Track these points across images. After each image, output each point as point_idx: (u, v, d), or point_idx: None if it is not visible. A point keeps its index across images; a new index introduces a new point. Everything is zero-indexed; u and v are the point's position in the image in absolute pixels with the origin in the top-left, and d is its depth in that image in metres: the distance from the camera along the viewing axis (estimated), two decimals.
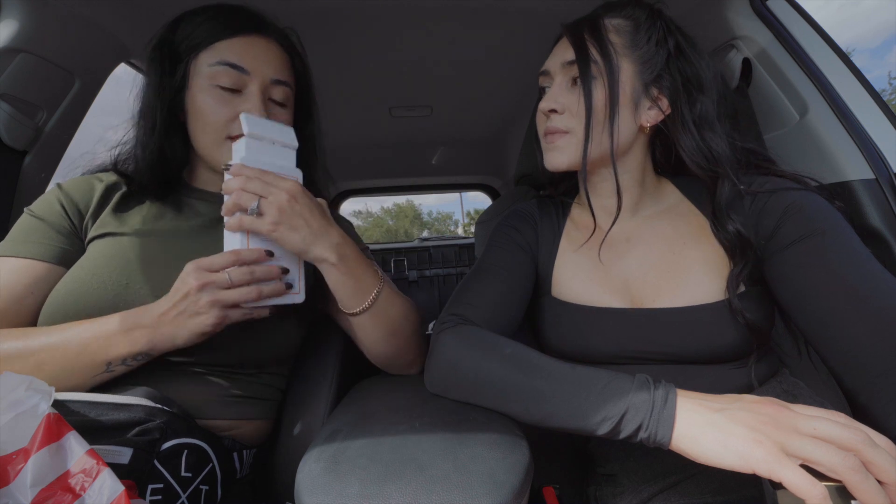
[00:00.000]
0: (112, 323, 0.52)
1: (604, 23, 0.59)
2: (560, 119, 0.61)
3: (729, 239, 0.56)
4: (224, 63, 0.62)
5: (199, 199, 0.70)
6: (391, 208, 32.53)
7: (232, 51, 0.62)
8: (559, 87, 0.61)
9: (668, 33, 0.60)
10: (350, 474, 0.37)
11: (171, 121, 0.66)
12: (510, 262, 0.66)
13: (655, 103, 0.60)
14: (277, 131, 0.57)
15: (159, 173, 0.66)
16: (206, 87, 0.62)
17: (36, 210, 0.63)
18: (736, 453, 0.35)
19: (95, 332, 0.52)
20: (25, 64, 0.75)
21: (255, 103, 0.62)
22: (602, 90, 0.57)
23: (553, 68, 0.63)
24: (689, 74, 0.59)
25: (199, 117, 0.63)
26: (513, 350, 0.50)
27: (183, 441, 0.53)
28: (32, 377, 0.40)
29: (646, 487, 0.56)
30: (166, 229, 0.65)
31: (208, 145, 0.64)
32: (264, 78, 0.64)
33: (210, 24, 0.63)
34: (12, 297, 0.56)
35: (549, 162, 0.63)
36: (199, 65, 0.63)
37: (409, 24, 1.04)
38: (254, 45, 0.64)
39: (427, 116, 1.61)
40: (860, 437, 0.33)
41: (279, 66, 0.66)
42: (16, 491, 0.35)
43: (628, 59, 0.58)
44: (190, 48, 0.63)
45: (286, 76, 0.67)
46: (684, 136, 0.59)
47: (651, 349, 0.58)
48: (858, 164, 0.68)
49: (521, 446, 0.42)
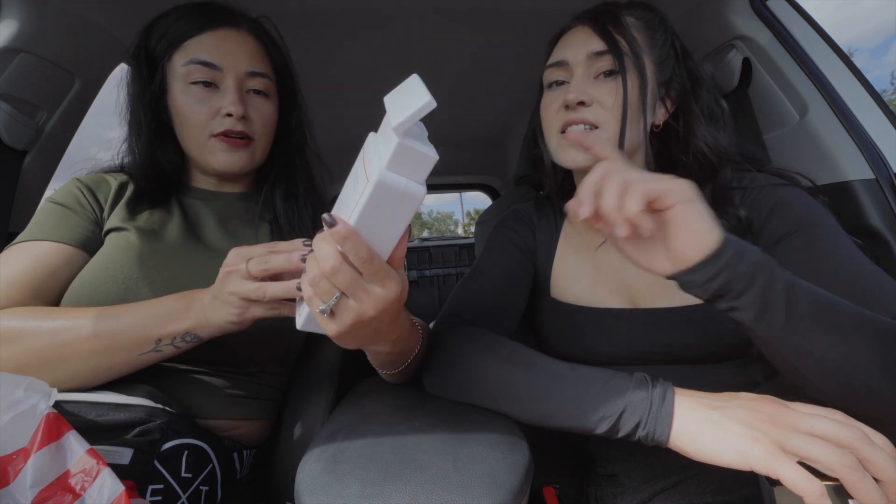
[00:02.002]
0: (170, 300, 0.52)
1: (624, 17, 0.59)
2: (589, 111, 0.57)
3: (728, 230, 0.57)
4: (196, 61, 0.61)
5: (197, 198, 0.70)
6: None
7: (202, 48, 0.62)
8: (583, 79, 0.59)
9: (675, 36, 0.61)
10: (350, 474, 0.37)
11: (160, 127, 0.66)
12: (508, 263, 0.66)
13: (662, 103, 0.60)
14: (425, 165, 0.34)
15: (155, 178, 0.66)
16: (182, 87, 0.62)
17: (58, 198, 0.63)
18: (734, 451, 0.35)
19: (154, 306, 0.52)
20: (25, 64, 0.75)
21: (232, 98, 0.62)
22: (636, 84, 0.57)
23: (574, 59, 0.59)
24: (694, 75, 0.61)
25: (181, 119, 0.63)
26: (511, 350, 0.50)
27: (183, 441, 0.53)
28: (32, 378, 0.40)
29: (646, 487, 0.56)
30: (171, 227, 0.65)
31: (195, 147, 0.65)
32: (238, 71, 0.63)
33: (180, 24, 0.63)
34: (36, 280, 0.56)
35: (571, 159, 0.60)
36: (174, 66, 0.63)
37: (409, 24, 1.04)
38: (224, 39, 0.63)
39: (427, 116, 1.61)
40: (857, 435, 0.33)
41: (253, 57, 0.65)
42: (16, 491, 0.35)
43: (649, 58, 0.58)
44: (163, 51, 0.63)
45: (262, 67, 0.66)
46: (700, 128, 0.59)
47: (650, 349, 0.58)
48: (858, 164, 0.68)
49: (521, 446, 0.42)
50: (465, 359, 0.51)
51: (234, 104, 0.62)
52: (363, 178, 0.34)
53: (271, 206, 0.73)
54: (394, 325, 0.43)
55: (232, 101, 0.62)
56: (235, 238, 0.68)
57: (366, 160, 0.36)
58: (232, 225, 0.70)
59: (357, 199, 0.34)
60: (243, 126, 0.64)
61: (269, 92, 0.68)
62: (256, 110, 0.66)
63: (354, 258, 0.34)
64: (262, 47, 0.68)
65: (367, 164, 0.35)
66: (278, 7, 0.86)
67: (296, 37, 1.05)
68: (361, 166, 0.36)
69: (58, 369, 0.50)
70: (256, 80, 0.65)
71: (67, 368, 0.50)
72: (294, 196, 0.73)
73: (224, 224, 0.69)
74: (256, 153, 0.68)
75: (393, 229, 0.35)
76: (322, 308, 0.36)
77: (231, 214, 0.71)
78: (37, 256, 0.57)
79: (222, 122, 0.63)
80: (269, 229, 0.71)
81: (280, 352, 0.67)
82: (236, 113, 0.63)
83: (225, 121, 0.63)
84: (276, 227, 0.71)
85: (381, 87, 0.45)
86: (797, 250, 0.51)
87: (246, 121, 0.65)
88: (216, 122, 0.63)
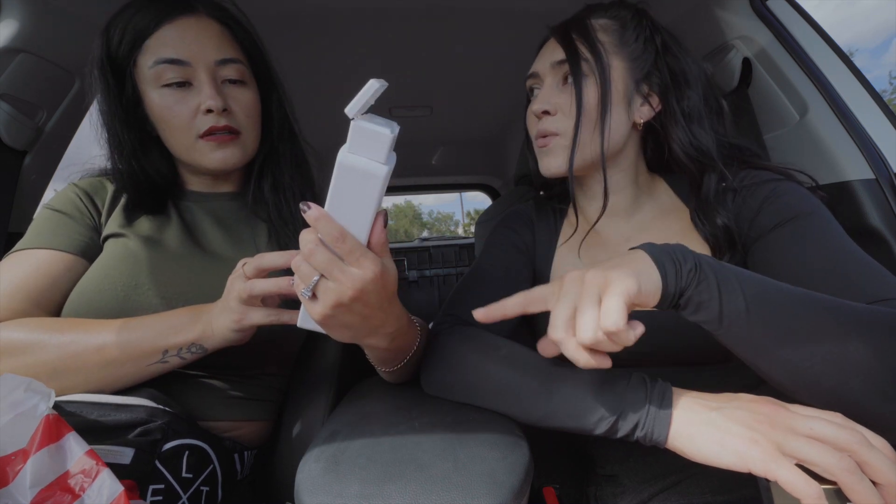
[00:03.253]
0: (178, 313, 0.52)
1: (591, 23, 0.60)
2: (552, 121, 0.60)
3: (714, 234, 0.57)
4: (161, 61, 0.58)
5: (192, 201, 0.69)
6: (391, 208, 32.58)
7: (164, 45, 0.58)
8: (550, 88, 0.61)
9: (655, 31, 0.61)
10: (350, 474, 0.37)
11: (142, 136, 0.63)
12: (507, 263, 0.66)
13: (646, 100, 0.61)
14: (380, 142, 0.36)
15: (146, 189, 0.64)
16: (156, 91, 0.59)
17: (55, 204, 0.62)
18: (732, 452, 0.35)
19: (163, 319, 0.52)
20: (25, 64, 0.75)
21: (209, 91, 0.59)
22: (594, 88, 0.58)
23: (542, 69, 0.62)
24: (677, 70, 0.60)
25: (163, 125, 0.61)
26: (509, 350, 0.50)
27: (184, 442, 0.53)
28: (31, 378, 0.40)
29: (646, 487, 0.56)
30: (169, 233, 0.64)
31: (183, 150, 0.62)
32: (208, 62, 0.59)
33: (134, 22, 0.58)
34: (37, 289, 0.56)
35: (544, 168, 0.63)
36: (141, 70, 0.59)
37: (409, 24, 1.04)
38: (186, 29, 0.59)
39: (427, 116, 1.61)
40: (856, 437, 0.33)
41: (220, 43, 0.61)
42: (15, 492, 0.36)
43: (618, 57, 0.58)
44: (126, 55, 0.59)
45: (232, 52, 0.62)
46: (675, 129, 0.59)
47: (650, 350, 0.58)
48: (858, 164, 0.68)
49: (521, 446, 0.42)
50: (463, 359, 0.51)
51: (213, 97, 0.58)
52: None
53: (262, 200, 0.70)
54: (384, 316, 0.43)
55: (209, 94, 0.58)
56: (233, 239, 0.67)
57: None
58: (229, 226, 0.69)
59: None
60: (227, 120, 0.61)
61: (245, 78, 0.63)
62: (236, 101, 0.62)
63: (328, 238, 0.36)
64: (227, 31, 0.63)
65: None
66: (278, 7, 0.86)
67: (294, 36, 1.05)
68: None
69: (66, 381, 0.50)
70: (229, 68, 0.61)
71: (76, 379, 0.50)
72: (281, 186, 0.70)
73: (221, 226, 0.68)
74: (247, 146, 0.65)
75: (364, 210, 0.37)
76: (304, 291, 0.38)
77: (226, 214, 0.70)
78: (36, 265, 0.56)
79: (205, 119, 0.60)
80: (266, 228, 0.70)
81: (280, 355, 0.67)
82: (216, 107, 0.59)
83: (207, 118, 0.60)
84: (271, 223, 0.69)
85: None
86: (785, 238, 0.51)
87: (228, 114, 0.61)
88: (199, 121, 0.60)
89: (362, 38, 1.08)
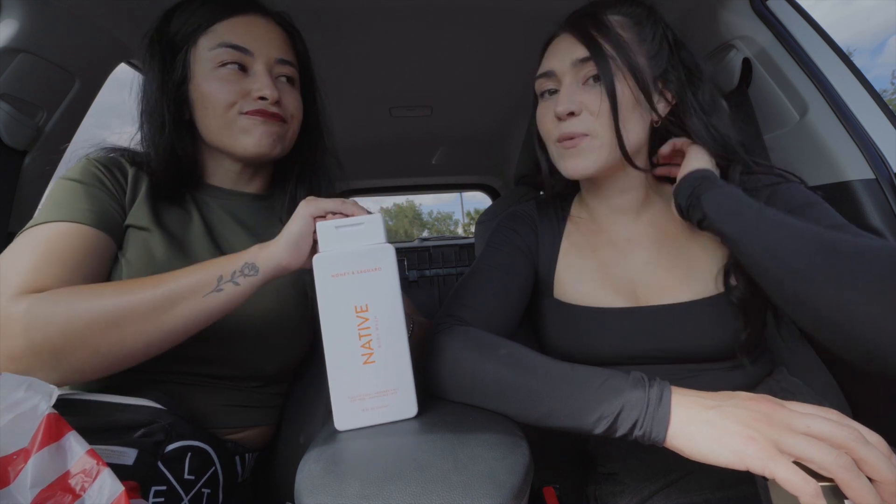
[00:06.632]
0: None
1: (607, 18, 0.58)
2: (578, 122, 0.58)
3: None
4: (225, 44, 0.60)
5: (212, 196, 0.68)
6: (391, 208, 32.60)
7: (233, 31, 0.61)
8: (571, 88, 0.59)
9: (666, 27, 0.61)
10: (350, 474, 0.37)
11: (178, 117, 0.63)
12: (507, 263, 0.66)
13: (662, 96, 0.60)
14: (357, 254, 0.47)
15: (174, 172, 0.63)
16: (209, 72, 0.60)
17: (75, 175, 0.58)
18: (730, 450, 0.35)
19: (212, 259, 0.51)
20: (25, 64, 0.75)
21: (266, 81, 0.61)
22: (625, 86, 0.57)
23: (560, 68, 0.60)
24: (691, 65, 0.60)
25: (206, 103, 0.60)
26: (509, 350, 0.50)
27: (187, 444, 0.53)
28: (33, 378, 0.40)
29: (646, 485, 0.56)
30: (192, 232, 0.63)
31: (218, 128, 0.61)
32: (269, 57, 0.62)
33: (207, 8, 0.61)
34: (72, 263, 0.51)
35: (571, 168, 0.60)
36: (200, 51, 0.61)
37: (409, 24, 1.04)
38: (254, 24, 0.62)
39: (427, 116, 1.61)
40: (852, 434, 0.33)
41: (281, 45, 0.65)
42: (15, 492, 0.35)
43: (639, 54, 0.58)
44: (187, 36, 0.61)
45: (290, 55, 0.66)
46: (696, 122, 0.59)
47: (655, 347, 0.58)
48: (858, 164, 0.68)
49: (521, 446, 0.42)
50: (462, 359, 0.51)
51: (269, 87, 0.60)
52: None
53: (293, 209, 0.70)
54: None
55: (266, 83, 0.60)
56: (259, 240, 0.67)
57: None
58: (251, 228, 0.68)
59: None
60: (277, 109, 0.63)
61: (296, 82, 0.67)
62: (287, 97, 0.65)
63: None
64: (288, 37, 0.67)
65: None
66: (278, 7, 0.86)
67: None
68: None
69: (126, 329, 0.46)
70: (286, 68, 0.64)
71: (135, 328, 0.47)
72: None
73: (244, 228, 0.67)
74: (287, 137, 0.66)
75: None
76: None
77: (247, 217, 0.69)
78: (59, 239, 0.51)
79: (254, 103, 0.61)
80: None
81: (289, 364, 0.67)
82: (271, 97, 0.61)
83: (256, 102, 0.61)
84: None
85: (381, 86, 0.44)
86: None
87: (280, 106, 0.63)
88: (246, 101, 0.61)
89: (362, 37, 1.08)
